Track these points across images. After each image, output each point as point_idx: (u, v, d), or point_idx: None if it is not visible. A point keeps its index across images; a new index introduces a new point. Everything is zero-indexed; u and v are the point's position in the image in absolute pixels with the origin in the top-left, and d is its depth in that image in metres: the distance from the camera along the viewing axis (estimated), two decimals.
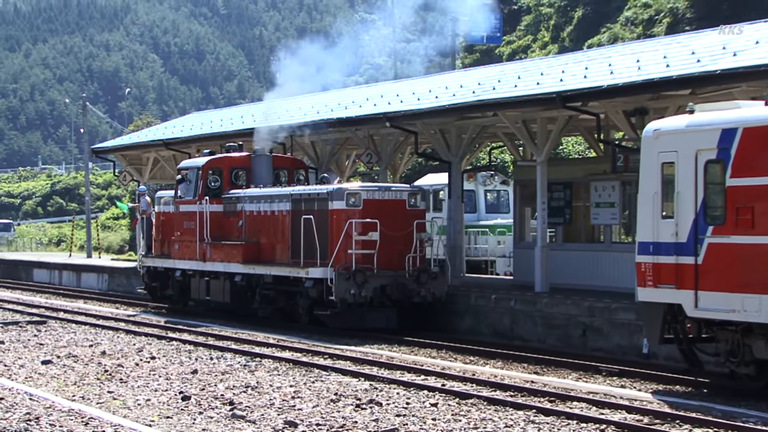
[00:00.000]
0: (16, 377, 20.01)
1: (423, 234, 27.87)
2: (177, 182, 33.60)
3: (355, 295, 26.48)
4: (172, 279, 33.98)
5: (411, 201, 27.86)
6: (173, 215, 33.60)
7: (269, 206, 29.90)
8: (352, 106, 33.60)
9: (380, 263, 27.04)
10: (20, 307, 35.77)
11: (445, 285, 27.75)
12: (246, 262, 29.85)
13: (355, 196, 27.28)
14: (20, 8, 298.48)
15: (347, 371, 20.49)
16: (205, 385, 19.02)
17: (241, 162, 32.26)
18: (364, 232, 27.01)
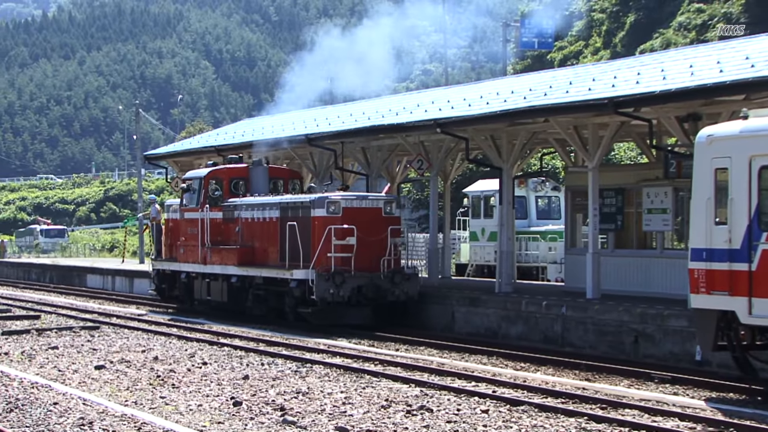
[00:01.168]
0: (69, 382, 20.17)
1: (397, 239, 30.46)
2: (182, 191, 36.34)
3: (333, 295, 29.02)
4: (178, 281, 36.62)
5: (387, 209, 30.41)
6: (179, 222, 36.40)
7: (262, 213, 32.54)
8: (402, 112, 33.60)
9: (357, 265, 29.48)
10: (74, 312, 36.08)
11: (417, 285, 30.35)
12: (241, 265, 32.52)
13: (335, 205, 29.86)
14: (75, 16, 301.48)
15: (398, 377, 20.48)
16: (256, 390, 19.08)
17: (239, 173, 34.96)
18: (342, 237, 29.50)
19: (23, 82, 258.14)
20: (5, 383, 19.62)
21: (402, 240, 31.12)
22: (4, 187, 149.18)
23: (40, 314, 34.75)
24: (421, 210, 58.76)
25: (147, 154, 51.00)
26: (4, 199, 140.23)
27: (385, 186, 44.69)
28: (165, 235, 37.84)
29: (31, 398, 17.96)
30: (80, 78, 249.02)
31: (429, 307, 30.81)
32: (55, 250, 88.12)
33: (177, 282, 36.82)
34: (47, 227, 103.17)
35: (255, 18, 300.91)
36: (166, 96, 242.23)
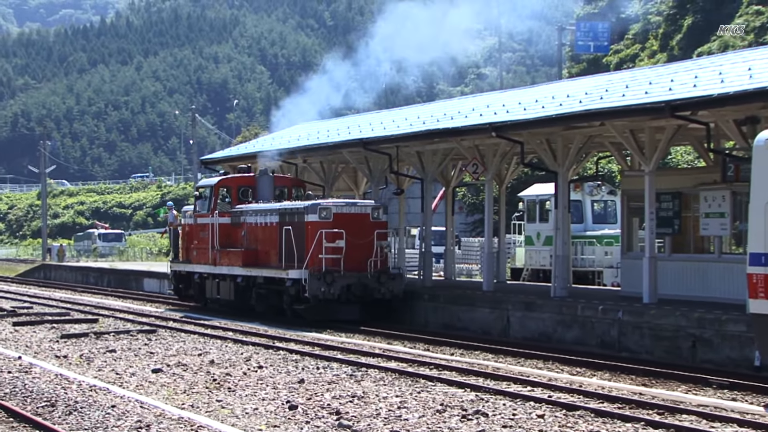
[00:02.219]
0: (127, 385, 20.32)
1: (383, 242, 33.27)
2: (195, 198, 39.79)
3: (324, 293, 31.90)
4: (192, 281, 39.53)
5: (374, 214, 33.31)
6: (193, 226, 39.42)
7: (264, 219, 35.49)
8: (458, 116, 33.57)
9: (346, 266, 32.35)
10: (131, 316, 36.36)
11: (402, 284, 33.27)
12: (245, 266, 35.50)
13: (326, 210, 32.81)
14: (132, 22, 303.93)
15: (453, 382, 20.45)
16: (312, 394, 19.12)
17: (247, 181, 37.90)
18: (332, 240, 32.42)
19: (81, 88, 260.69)
20: (64, 386, 19.81)
21: (388, 243, 33.96)
22: (62, 192, 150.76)
23: (98, 318, 35.06)
24: (476, 214, 58.68)
25: (203, 158, 51.29)
26: (63, 204, 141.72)
27: (440, 191, 44.71)
28: (181, 239, 41.02)
29: (89, 401, 18.12)
30: (137, 83, 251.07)
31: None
32: (112, 254, 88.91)
33: (192, 282, 39.62)
34: (105, 231, 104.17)
35: (310, 23, 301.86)
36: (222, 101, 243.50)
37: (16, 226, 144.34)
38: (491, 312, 29.91)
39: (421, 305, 33.33)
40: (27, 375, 21.41)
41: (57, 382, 20.32)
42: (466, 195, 59.21)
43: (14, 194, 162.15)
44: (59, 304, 41.76)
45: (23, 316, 35.74)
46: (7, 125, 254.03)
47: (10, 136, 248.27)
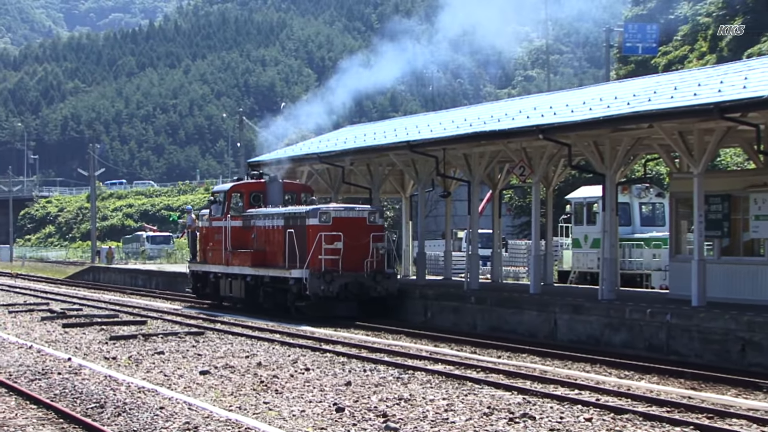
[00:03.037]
0: (175, 387, 20.42)
1: (378, 244, 35.25)
2: (210, 203, 42.19)
3: (324, 291, 34.24)
4: (208, 280, 41.83)
5: (371, 218, 35.54)
6: (209, 229, 41.78)
7: (271, 222, 37.81)
8: (504, 118, 33.50)
9: (344, 266, 34.71)
10: (179, 318, 36.54)
11: (396, 283, 35.69)
12: (254, 266, 37.84)
13: (326, 215, 35.17)
14: (180, 26, 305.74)
15: (500, 384, 20.40)
16: (359, 396, 19.14)
17: (258, 187, 40.19)
18: (331, 242, 34.78)
19: (130, 91, 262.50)
20: (113, 387, 19.95)
21: (383, 245, 35.52)
22: (111, 195, 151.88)
23: (146, 320, 35.27)
24: (523, 217, 58.51)
25: (251, 161, 51.45)
26: (112, 207, 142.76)
27: (487, 193, 44.65)
28: (198, 241, 43.43)
29: (138, 402, 18.23)
30: (185, 86, 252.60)
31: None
32: (160, 256, 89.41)
33: (208, 281, 41.97)
34: (153, 234, 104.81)
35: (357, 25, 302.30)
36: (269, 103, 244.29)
37: (65, 228, 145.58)
38: (538, 315, 29.82)
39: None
40: (76, 376, 21.57)
41: (106, 384, 20.46)
42: (513, 197, 59.05)
43: (64, 197, 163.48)
44: (108, 306, 42.05)
45: (73, 318, 36.03)
46: (58, 128, 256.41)
47: (60, 139, 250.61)
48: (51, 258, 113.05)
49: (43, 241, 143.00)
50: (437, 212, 63.46)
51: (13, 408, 18.06)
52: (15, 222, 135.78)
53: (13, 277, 71.78)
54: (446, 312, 33.79)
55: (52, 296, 49.29)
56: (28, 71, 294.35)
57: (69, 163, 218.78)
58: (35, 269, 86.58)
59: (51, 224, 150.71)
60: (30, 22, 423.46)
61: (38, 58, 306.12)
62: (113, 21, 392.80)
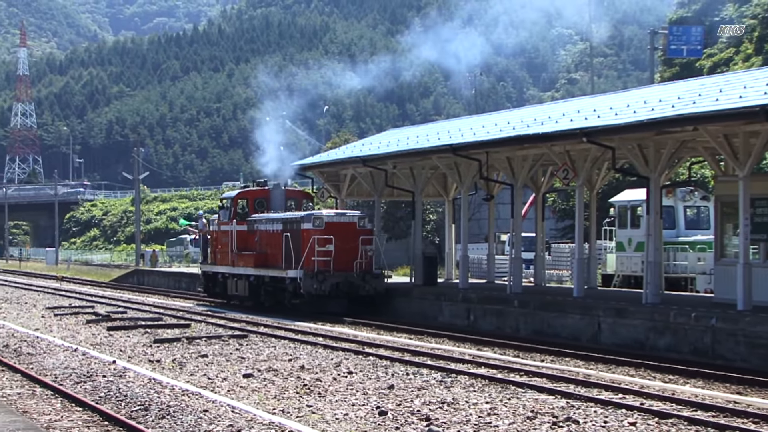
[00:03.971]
0: (219, 390, 20.51)
1: (367, 246, 38.62)
2: (219, 208, 46.33)
3: (317, 289, 37.60)
4: (217, 280, 45.34)
5: (360, 223, 38.88)
6: (218, 233, 45.17)
7: (271, 226, 41.13)
8: (548, 121, 33.38)
9: (335, 267, 38.03)
10: (223, 321, 36.68)
11: (383, 282, 38.92)
12: (256, 267, 41.33)
13: (319, 220, 38.40)
14: (224, 30, 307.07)
15: (543, 388, 20.33)
16: (402, 400, 19.13)
17: (262, 194, 43.83)
18: (323, 245, 37.96)
19: (174, 95, 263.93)
20: (157, 390, 20.05)
21: (371, 248, 38.89)
22: (156, 198, 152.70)
23: (190, 323, 35.44)
24: (567, 220, 58.32)
25: (294, 164, 51.60)
26: (156, 210, 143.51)
27: (530, 197, 44.53)
28: (210, 244, 46.57)
29: (182, 405, 18.32)
30: (229, 90, 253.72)
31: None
32: None
33: (216, 281, 45.47)
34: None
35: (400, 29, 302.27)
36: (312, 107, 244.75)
37: (110, 231, 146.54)
38: (582, 318, 29.70)
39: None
40: (121, 379, 21.71)
41: (150, 387, 20.57)
42: (556, 201, 58.88)
43: (109, 200, 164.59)
44: (152, 309, 42.29)
45: (117, 321, 36.25)
46: (102, 132, 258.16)
47: (105, 142, 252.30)
48: (96, 261, 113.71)
49: (88, 245, 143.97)
50: (480, 215, 63.38)
51: (59, 410, 18.20)
52: (60, 225, 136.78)
53: (59, 280, 72.31)
54: (489, 315, 33.73)
55: (97, 299, 49.63)
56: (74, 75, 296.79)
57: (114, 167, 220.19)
58: (80, 272, 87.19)
59: (96, 227, 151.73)
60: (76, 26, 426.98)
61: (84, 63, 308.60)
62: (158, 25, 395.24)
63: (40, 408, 18.38)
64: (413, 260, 41.47)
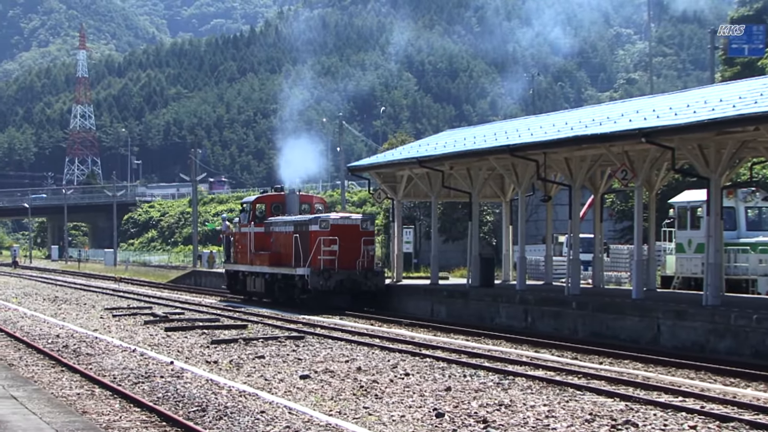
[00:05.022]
0: (275, 391, 20.58)
1: (369, 247, 42.68)
2: (240, 212, 51.47)
3: (323, 286, 41.59)
4: (238, 278, 49.74)
5: (363, 225, 42.85)
6: (239, 234, 49.53)
7: (284, 228, 45.18)
8: (606, 122, 33.19)
9: (340, 265, 41.94)
10: (279, 322, 36.83)
11: (383, 280, 43.21)
12: (270, 265, 45.40)
13: (325, 222, 42.45)
14: (281, 31, 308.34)
15: (602, 391, 20.21)
16: (459, 402, 19.10)
17: (278, 198, 48.10)
18: (329, 245, 41.93)
19: (231, 96, 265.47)
20: (215, 391, 20.17)
21: (373, 248, 43.30)
22: (212, 199, 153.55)
23: (246, 324, 35.62)
24: (625, 221, 57.93)
25: (350, 165, 51.73)
26: (213, 211, 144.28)
27: (588, 198, 44.27)
28: (232, 245, 50.60)
29: (239, 406, 18.41)
30: (285, 91, 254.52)
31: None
32: None
33: (237, 279, 49.80)
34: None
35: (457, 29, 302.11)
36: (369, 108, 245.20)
37: (168, 233, 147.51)
38: (641, 320, 29.51)
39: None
40: (179, 380, 21.86)
41: (207, 388, 20.69)
42: (614, 202, 58.52)
43: (166, 201, 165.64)
44: (209, 311, 42.54)
45: (175, 322, 36.50)
46: (160, 134, 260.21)
47: (163, 144, 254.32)
48: (153, 262, 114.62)
49: (145, 246, 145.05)
50: (538, 217, 63.14)
51: (118, 411, 18.35)
52: (118, 226, 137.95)
53: (117, 281, 72.93)
54: (547, 317, 33.60)
55: (154, 300, 50.03)
56: (132, 77, 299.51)
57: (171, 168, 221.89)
58: (138, 273, 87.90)
59: (153, 229, 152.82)
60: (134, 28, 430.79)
61: (142, 65, 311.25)
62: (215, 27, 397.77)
63: (99, 408, 18.54)
64: (470, 262, 41.38)
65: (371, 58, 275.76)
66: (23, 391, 19.46)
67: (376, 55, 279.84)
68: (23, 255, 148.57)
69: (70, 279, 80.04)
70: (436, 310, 39.96)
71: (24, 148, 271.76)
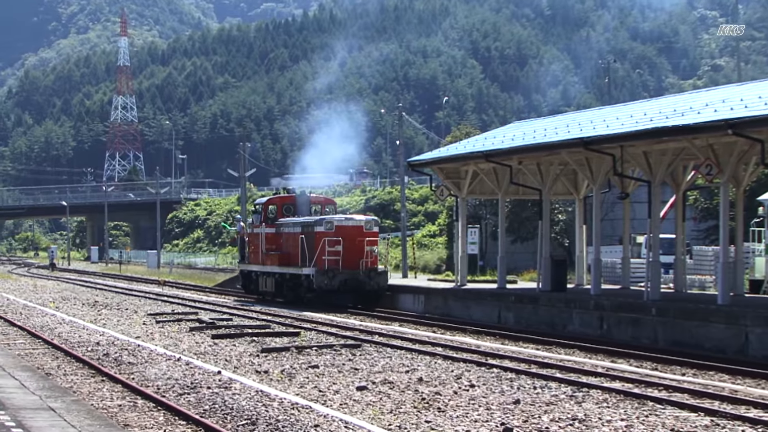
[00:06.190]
0: (330, 403, 20.61)
1: (373, 247, 47.14)
2: (252, 213, 56.40)
3: (327, 285, 46.18)
4: (251, 278, 54.48)
5: (367, 227, 47.29)
6: (252, 235, 54.25)
7: (293, 229, 49.86)
8: (689, 112, 32.96)
9: (344, 265, 46.57)
10: (334, 329, 36.89)
11: (386, 279, 47.66)
12: (280, 265, 50.23)
13: (330, 223, 46.93)
14: (336, 15, 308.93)
15: (685, 405, 20.07)
16: (528, 416, 19.05)
17: (289, 200, 52.90)
18: (333, 245, 46.41)
19: (282, 86, 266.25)
20: (265, 403, 20.23)
21: (376, 248, 47.82)
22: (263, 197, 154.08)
23: (299, 331, 35.72)
24: (710, 220, 57.51)
25: (410, 160, 51.66)
26: None
27: (670, 197, 43.96)
28: (246, 245, 55.17)
29: (291, 420, 18.46)
30: (341, 80, 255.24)
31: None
32: None
33: (251, 278, 54.50)
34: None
35: (526, 12, 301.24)
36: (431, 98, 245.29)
37: (215, 233, 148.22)
38: (727, 328, 29.29)
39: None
40: (227, 391, 21.96)
41: (257, 399, 20.77)
42: (698, 199, 58.11)
43: (213, 199, 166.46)
44: (259, 316, 42.71)
45: (222, 329, 36.68)
46: (206, 127, 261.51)
47: (209, 137, 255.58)
48: (199, 264, 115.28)
49: (191, 247, 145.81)
50: (614, 215, 62.85)
51: (162, 424, 18.47)
52: (162, 226, 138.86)
53: (161, 284, 73.49)
54: (624, 324, 33.44)
55: (200, 305, 50.32)
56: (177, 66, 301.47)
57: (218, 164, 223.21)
58: (183, 276, 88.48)
59: (199, 228, 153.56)
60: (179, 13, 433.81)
61: (187, 52, 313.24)
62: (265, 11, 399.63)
63: (141, 421, 18.67)
64: (540, 264, 41.27)
65: (433, 44, 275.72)
66: (61, 402, 19.64)
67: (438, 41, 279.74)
68: (61, 256, 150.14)
69: (110, 282, 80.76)
70: (504, 316, 39.90)
71: (62, 143, 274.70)
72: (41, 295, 59.74)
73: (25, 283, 77.88)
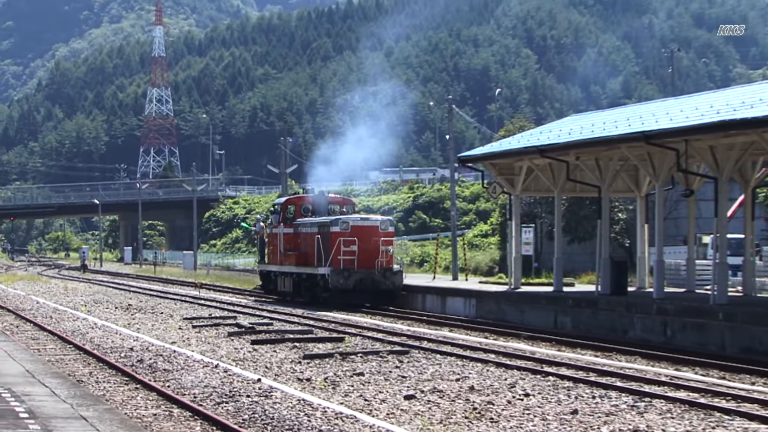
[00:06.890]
0: (377, 413, 20.61)
1: (388, 247, 50.01)
2: (270, 213, 59.97)
3: (342, 284, 48.99)
4: (270, 278, 57.85)
5: (382, 227, 50.41)
6: (270, 236, 57.66)
7: (310, 230, 52.77)
8: (759, 104, 32.72)
9: (359, 265, 49.44)
10: (380, 334, 36.88)
11: (401, 279, 50.25)
12: (297, 265, 53.26)
13: (345, 223, 49.93)
14: (382, 3, 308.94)
15: (755, 416, 19.94)
16: (587, 427, 18.99)
17: (307, 200, 55.98)
18: (348, 245, 49.34)
19: (326, 77, 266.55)
20: (308, 413, 20.26)
21: (392, 248, 50.41)
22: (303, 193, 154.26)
23: (343, 336, 35.73)
24: None
25: (461, 155, 51.59)
26: None
27: (739, 196, 43.72)
28: (265, 245, 58.81)
29: (335, 430, 18.47)
30: (387, 71, 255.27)
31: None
32: None
33: (270, 278, 57.85)
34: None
35: None
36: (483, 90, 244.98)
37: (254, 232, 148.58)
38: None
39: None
40: (267, 399, 22.00)
41: (299, 408, 20.80)
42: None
43: (252, 197, 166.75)
44: (301, 321, 42.79)
45: (262, 334, 36.76)
46: (245, 120, 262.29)
47: (248, 132, 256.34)
48: (238, 266, 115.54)
49: (229, 247, 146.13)
50: (678, 214, 62.52)
51: None
52: (199, 225, 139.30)
53: (197, 287, 73.74)
54: (689, 330, 33.26)
55: (239, 309, 50.43)
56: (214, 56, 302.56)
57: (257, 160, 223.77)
58: (221, 278, 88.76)
59: (238, 227, 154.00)
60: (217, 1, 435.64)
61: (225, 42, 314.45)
62: None
63: (178, 431, 18.73)
64: (599, 266, 41.11)
65: (485, 33, 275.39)
66: (93, 411, 19.73)
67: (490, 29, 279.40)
68: (93, 257, 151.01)
69: (144, 284, 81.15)
70: (560, 321, 39.79)
71: (94, 137, 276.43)
72: (72, 298, 60.13)
73: (56, 285, 78.39)
